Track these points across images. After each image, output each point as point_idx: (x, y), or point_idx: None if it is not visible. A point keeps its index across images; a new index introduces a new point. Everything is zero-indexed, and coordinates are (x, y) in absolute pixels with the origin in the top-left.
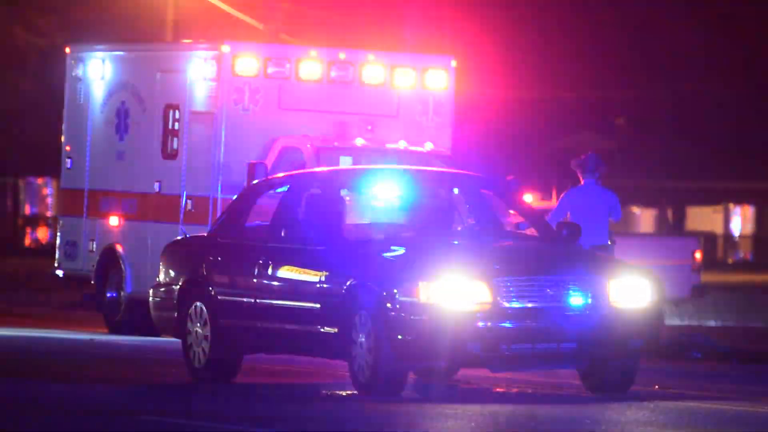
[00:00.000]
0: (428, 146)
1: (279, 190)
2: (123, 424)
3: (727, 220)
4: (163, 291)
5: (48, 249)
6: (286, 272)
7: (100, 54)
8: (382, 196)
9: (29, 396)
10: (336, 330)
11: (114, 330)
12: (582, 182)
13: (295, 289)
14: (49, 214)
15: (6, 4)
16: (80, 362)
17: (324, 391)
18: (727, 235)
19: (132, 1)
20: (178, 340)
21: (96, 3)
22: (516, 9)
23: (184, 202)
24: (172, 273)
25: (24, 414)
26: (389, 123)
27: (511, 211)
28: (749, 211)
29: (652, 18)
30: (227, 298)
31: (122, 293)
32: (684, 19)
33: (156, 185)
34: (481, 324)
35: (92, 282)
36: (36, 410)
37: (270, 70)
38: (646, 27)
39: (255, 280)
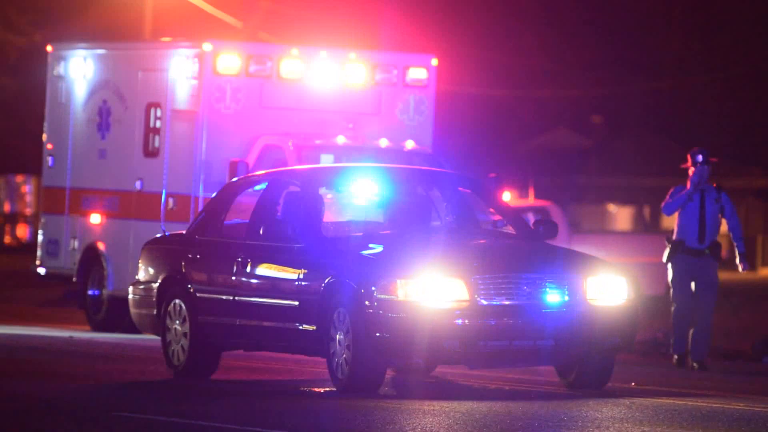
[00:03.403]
0: (409, 144)
1: (258, 187)
2: (96, 422)
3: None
4: (143, 288)
5: (28, 247)
6: (265, 270)
7: (81, 53)
8: (361, 194)
9: (6, 395)
10: (314, 327)
11: (96, 328)
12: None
13: (273, 286)
14: (28, 211)
15: None
16: (59, 360)
17: (302, 388)
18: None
19: (109, 2)
20: (158, 338)
21: (74, 1)
22: (495, 8)
23: (165, 200)
24: (151, 271)
25: None
26: (370, 121)
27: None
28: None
29: (628, 18)
30: (206, 295)
31: (104, 291)
32: (659, 19)
33: (138, 183)
34: (458, 321)
35: (74, 280)
36: (9, 408)
37: (251, 68)
38: (622, 26)
39: (234, 278)
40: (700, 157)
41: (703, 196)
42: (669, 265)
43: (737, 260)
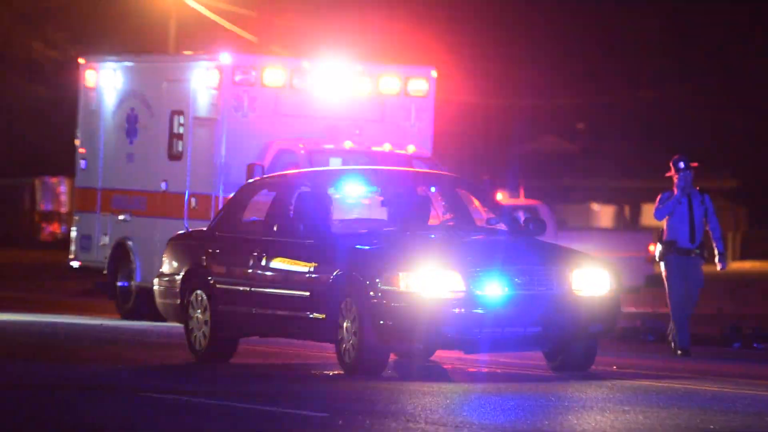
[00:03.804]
0: (410, 149)
1: (272, 188)
2: (126, 401)
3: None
4: (167, 280)
5: (62, 242)
6: (279, 263)
7: (111, 65)
8: (366, 195)
9: (43, 377)
10: (324, 316)
11: (125, 316)
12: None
13: (286, 278)
14: (62, 210)
15: (24, 20)
16: (91, 345)
17: (313, 371)
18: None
19: (137, 18)
20: (181, 325)
21: (105, 18)
22: (490, 25)
23: (188, 199)
24: (175, 264)
25: (37, 393)
26: (375, 127)
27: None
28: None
29: (610, 34)
30: (225, 286)
31: (132, 283)
32: (638, 34)
33: (163, 184)
34: (455, 310)
35: (105, 272)
36: (48, 390)
37: (266, 79)
38: (604, 42)
39: (250, 271)
40: (681, 164)
41: (690, 199)
42: (662, 264)
43: (716, 259)
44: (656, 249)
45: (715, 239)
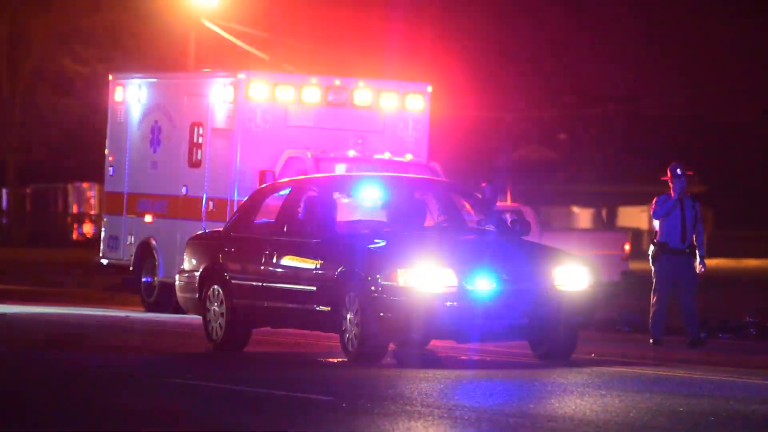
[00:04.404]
0: (408, 157)
1: (282, 192)
2: (150, 386)
3: (650, 218)
4: (187, 276)
5: (92, 241)
6: (288, 261)
7: (137, 81)
8: (368, 198)
9: (80, 364)
10: (329, 308)
11: (148, 309)
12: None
13: (295, 274)
14: (92, 212)
15: (57, 40)
16: (117, 335)
17: (319, 359)
18: (651, 230)
19: (160, 38)
20: (200, 317)
21: (131, 37)
22: (482, 46)
23: (206, 203)
24: (194, 261)
25: (70, 380)
26: (376, 137)
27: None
28: None
29: (587, 55)
30: (240, 282)
31: (155, 278)
32: (613, 55)
33: (183, 189)
34: (448, 304)
35: (131, 269)
36: (77, 374)
37: (278, 94)
38: (582, 61)
39: (262, 267)
40: (678, 171)
41: (682, 203)
42: (655, 262)
43: (697, 262)
44: (650, 249)
45: (699, 243)
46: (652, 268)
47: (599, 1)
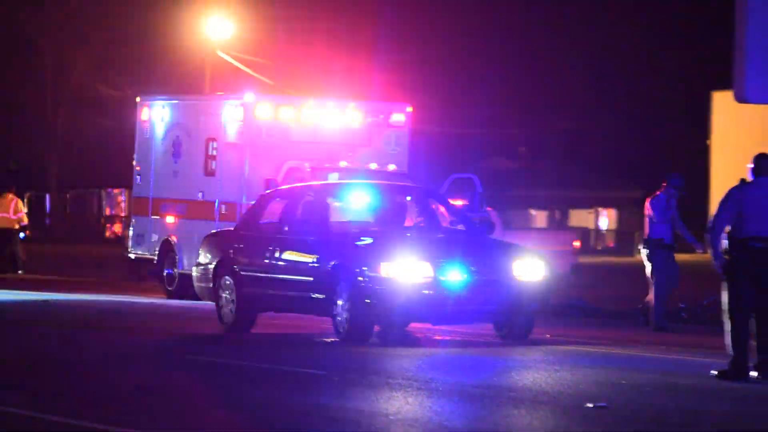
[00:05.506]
0: (391, 167)
1: (284, 197)
2: (171, 361)
3: (597, 219)
4: (203, 268)
5: (122, 239)
6: (289, 255)
7: (161, 102)
8: (357, 202)
9: (108, 341)
10: (323, 296)
11: (170, 296)
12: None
13: (294, 267)
14: (122, 214)
15: (93, 67)
16: (143, 319)
17: (315, 339)
18: (597, 230)
19: (181, 65)
20: (213, 304)
21: (155, 64)
22: (454, 69)
23: (218, 206)
24: (208, 256)
25: (105, 357)
26: (364, 150)
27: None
28: (612, 212)
29: (547, 76)
30: (247, 273)
31: (176, 270)
32: (566, 73)
33: (200, 194)
34: (425, 292)
35: (155, 262)
36: (107, 353)
37: (280, 114)
38: (542, 78)
39: (267, 261)
40: (675, 181)
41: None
42: (647, 258)
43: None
44: (642, 248)
45: (686, 234)
46: (649, 264)
47: (549, 46)
